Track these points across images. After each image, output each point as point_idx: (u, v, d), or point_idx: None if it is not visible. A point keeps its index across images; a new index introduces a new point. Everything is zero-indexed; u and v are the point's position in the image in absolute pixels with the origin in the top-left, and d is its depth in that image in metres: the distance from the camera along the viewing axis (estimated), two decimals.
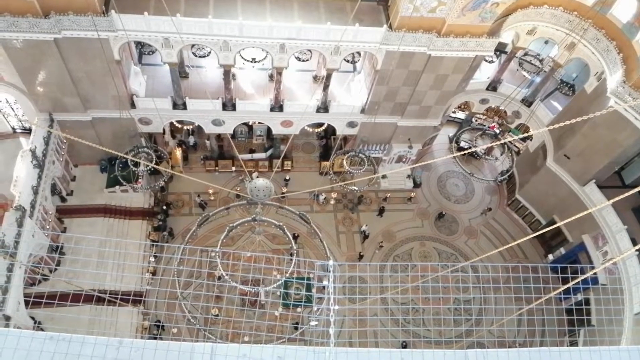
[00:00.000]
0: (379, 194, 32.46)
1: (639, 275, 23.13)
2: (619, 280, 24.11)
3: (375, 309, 27.64)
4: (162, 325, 25.32)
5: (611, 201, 10.99)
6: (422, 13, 21.38)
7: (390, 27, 22.06)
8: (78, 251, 23.52)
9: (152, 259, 26.62)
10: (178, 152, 30.52)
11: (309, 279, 27.19)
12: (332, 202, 31.40)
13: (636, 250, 20.39)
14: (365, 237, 30.22)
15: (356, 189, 26.90)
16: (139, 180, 26.12)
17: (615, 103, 22.08)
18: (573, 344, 25.79)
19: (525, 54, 30.83)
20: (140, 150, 23.73)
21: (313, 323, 19.27)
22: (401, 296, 27.73)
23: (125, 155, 19.93)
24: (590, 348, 7.16)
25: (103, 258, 24.82)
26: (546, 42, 28.23)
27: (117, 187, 27.31)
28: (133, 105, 25.47)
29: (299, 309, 26.47)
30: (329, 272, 8.66)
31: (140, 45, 27.41)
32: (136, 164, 23.35)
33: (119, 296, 20.97)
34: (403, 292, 27.06)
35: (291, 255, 16.88)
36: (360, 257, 29.49)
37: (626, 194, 10.78)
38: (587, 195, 26.53)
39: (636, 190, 10.65)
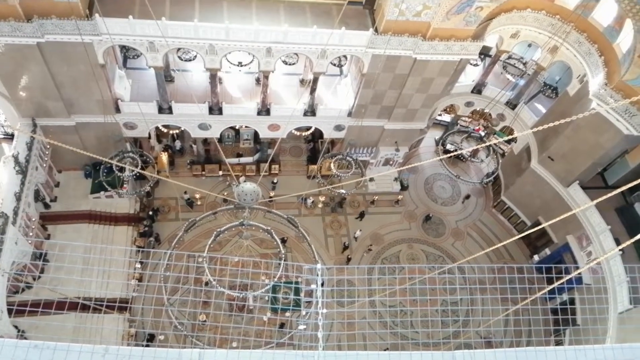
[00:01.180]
0: (366, 197, 32.57)
1: (622, 275, 23.44)
2: (603, 279, 24.43)
3: (364, 312, 27.66)
4: (152, 338, 25.01)
5: (595, 202, 11.11)
6: (407, 17, 21.56)
7: (376, 30, 22.20)
8: (62, 258, 23.13)
9: (138, 265, 26.31)
10: (164, 157, 30.24)
11: (297, 283, 27.12)
12: (320, 205, 31.40)
13: (619, 250, 20.79)
14: (345, 247, 29.94)
15: (344, 192, 26.94)
16: (124, 185, 25.86)
17: (598, 105, 22.46)
18: (559, 343, 26.04)
19: (509, 57, 31.25)
20: (125, 155, 23.50)
21: (301, 327, 19.16)
22: (389, 299, 27.77)
23: (110, 161, 19.72)
24: (575, 347, 7.23)
25: (88, 265, 24.35)
26: (529, 46, 28.68)
27: (102, 192, 27.03)
28: (118, 110, 25.24)
29: (287, 313, 26.36)
30: (318, 275, 8.65)
31: (125, 49, 27.16)
32: (121, 169, 23.10)
33: (105, 303, 20.72)
34: (391, 295, 27.12)
35: (279, 259, 16.81)
36: (348, 260, 29.50)
37: (609, 195, 10.95)
38: (571, 196, 26.89)
39: (619, 190, 10.80)
